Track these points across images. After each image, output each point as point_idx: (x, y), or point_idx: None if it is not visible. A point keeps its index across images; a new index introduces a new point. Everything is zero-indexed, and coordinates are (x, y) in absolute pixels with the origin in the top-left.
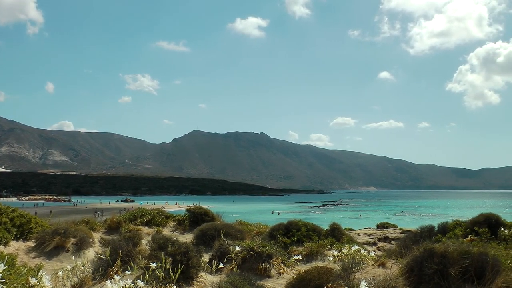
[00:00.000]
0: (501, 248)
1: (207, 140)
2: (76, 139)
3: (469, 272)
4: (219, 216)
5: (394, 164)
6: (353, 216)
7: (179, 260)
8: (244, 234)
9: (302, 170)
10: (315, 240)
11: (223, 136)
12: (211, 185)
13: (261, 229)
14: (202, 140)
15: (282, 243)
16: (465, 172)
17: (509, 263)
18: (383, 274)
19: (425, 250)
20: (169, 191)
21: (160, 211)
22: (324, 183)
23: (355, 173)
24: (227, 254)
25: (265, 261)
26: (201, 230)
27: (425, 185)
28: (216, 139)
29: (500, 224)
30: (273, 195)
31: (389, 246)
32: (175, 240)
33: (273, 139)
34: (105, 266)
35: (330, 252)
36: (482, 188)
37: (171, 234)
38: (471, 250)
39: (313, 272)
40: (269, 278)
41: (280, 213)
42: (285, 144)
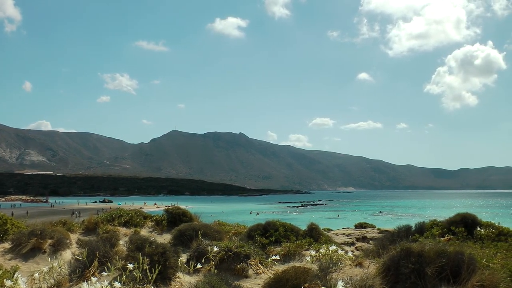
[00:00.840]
0: (477, 247)
1: (185, 140)
2: (54, 139)
3: (445, 271)
4: (197, 217)
5: (373, 165)
6: (332, 216)
7: (157, 261)
8: (222, 234)
9: (280, 170)
10: (293, 240)
11: (201, 136)
12: (190, 185)
13: (239, 229)
14: (181, 140)
15: (260, 243)
16: (442, 173)
17: (484, 261)
18: (360, 274)
19: (402, 250)
20: (147, 191)
21: (138, 212)
22: (303, 183)
23: (333, 173)
24: (205, 255)
25: (242, 261)
26: (179, 231)
27: (403, 185)
28: (195, 139)
29: (476, 224)
30: (251, 195)
31: (367, 246)
32: (153, 240)
33: (252, 140)
34: (82, 268)
35: (308, 252)
36: (459, 188)
37: (149, 234)
38: (447, 250)
39: (291, 272)
40: (247, 278)
41: (258, 214)
42: (264, 144)
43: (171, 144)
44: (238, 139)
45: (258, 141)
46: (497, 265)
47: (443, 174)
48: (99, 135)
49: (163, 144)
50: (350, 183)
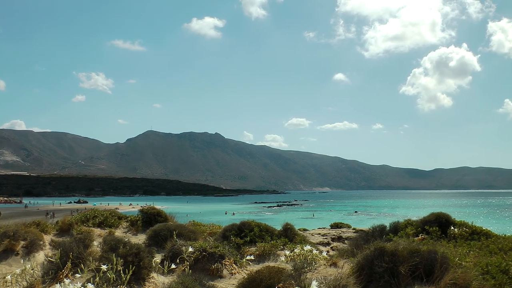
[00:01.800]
0: (450, 246)
1: (161, 140)
2: (28, 139)
3: (419, 269)
4: (173, 217)
5: (348, 165)
6: (307, 217)
7: (131, 261)
8: (197, 234)
9: (256, 170)
10: (267, 240)
11: (177, 136)
12: (165, 185)
13: (214, 229)
14: (157, 140)
15: (235, 243)
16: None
17: (457, 260)
18: (334, 274)
19: (375, 249)
20: (123, 191)
21: (113, 212)
22: (279, 183)
23: (309, 173)
24: (180, 255)
25: (217, 261)
26: (153, 231)
27: (379, 185)
28: (171, 140)
29: (450, 223)
30: (227, 195)
31: (343, 245)
32: (127, 241)
33: (228, 140)
34: (55, 269)
35: (282, 252)
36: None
37: (124, 235)
38: (420, 249)
39: (264, 272)
40: (221, 279)
41: (234, 214)
42: (240, 144)
43: (147, 144)
44: (214, 139)
45: (234, 141)
46: (469, 263)
47: (418, 174)
48: (74, 135)
49: (138, 144)
50: (326, 183)
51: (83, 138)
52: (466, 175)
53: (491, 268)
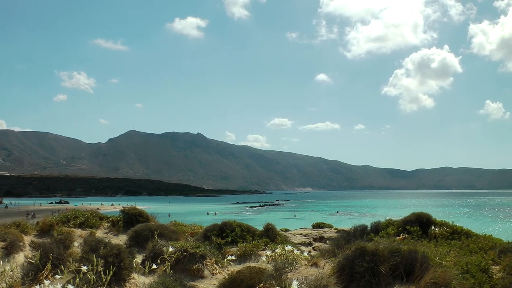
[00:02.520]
0: (431, 245)
1: (143, 140)
2: (9, 138)
3: (399, 269)
4: (154, 217)
5: (330, 165)
6: (289, 217)
7: (111, 262)
8: (179, 235)
9: (238, 170)
10: (249, 240)
11: (159, 136)
12: (147, 185)
13: (195, 229)
14: (138, 140)
15: (216, 243)
16: (399, 173)
17: (438, 259)
18: (315, 274)
19: (356, 249)
20: (104, 192)
21: (94, 213)
22: (261, 183)
23: (291, 174)
24: (161, 255)
25: (198, 261)
26: (135, 231)
27: (360, 185)
28: (153, 139)
29: (431, 223)
30: (209, 195)
31: (325, 246)
32: (108, 241)
33: (210, 140)
34: (35, 271)
35: (264, 253)
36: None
37: (105, 235)
38: (401, 248)
39: (245, 272)
40: (202, 279)
41: (216, 214)
42: (222, 144)
43: (129, 144)
44: (196, 139)
45: (216, 141)
46: (450, 262)
47: (399, 174)
48: (55, 134)
49: (120, 144)
50: (308, 183)
51: (65, 138)
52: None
53: (471, 267)
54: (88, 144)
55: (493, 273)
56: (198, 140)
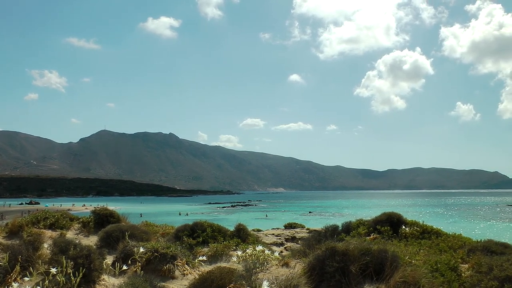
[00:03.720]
0: (401, 245)
1: (115, 140)
2: None
3: (369, 268)
4: (125, 218)
5: (302, 166)
6: (261, 217)
7: (81, 264)
8: (150, 235)
9: (211, 171)
10: (220, 241)
11: (131, 136)
12: (119, 186)
13: (167, 230)
14: (110, 140)
15: (188, 244)
16: (371, 173)
17: (407, 258)
18: (286, 274)
19: (327, 249)
20: (76, 192)
21: (65, 214)
22: (233, 184)
23: (264, 174)
24: (132, 256)
25: (169, 262)
26: (105, 232)
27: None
28: (124, 139)
29: (401, 223)
30: (181, 196)
31: (297, 246)
32: (78, 243)
33: (182, 140)
34: (3, 273)
35: (235, 253)
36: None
37: (76, 237)
38: (371, 248)
39: (216, 272)
40: (173, 279)
41: (188, 214)
42: (194, 145)
43: (101, 144)
44: (168, 139)
45: (188, 141)
46: (419, 261)
47: (371, 174)
48: (26, 134)
49: (92, 144)
50: (280, 183)
51: (36, 137)
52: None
53: (440, 265)
54: (59, 144)
55: (462, 271)
56: (170, 140)
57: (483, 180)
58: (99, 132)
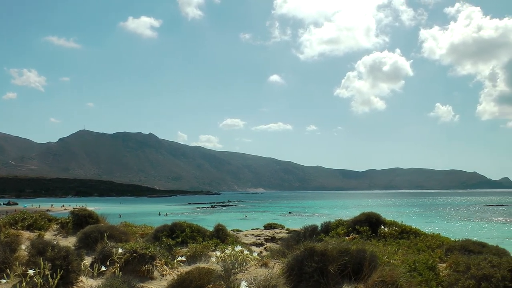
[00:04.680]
0: (380, 245)
1: (94, 140)
2: None
3: (348, 268)
4: (104, 218)
5: (282, 166)
6: (241, 217)
7: (59, 265)
8: (129, 236)
9: (190, 171)
10: (199, 241)
11: (111, 136)
12: (99, 186)
13: (146, 230)
14: (90, 140)
15: (166, 244)
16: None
17: (386, 258)
18: (264, 274)
19: (305, 249)
20: (55, 193)
21: (43, 214)
22: (213, 184)
23: (243, 174)
24: (110, 257)
25: (148, 262)
26: (84, 233)
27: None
28: (104, 139)
29: (380, 223)
30: (161, 196)
31: (276, 246)
32: (56, 244)
33: (162, 140)
34: None
35: (214, 253)
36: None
37: (54, 238)
38: (350, 248)
39: (194, 273)
40: (152, 280)
41: (167, 215)
42: (174, 145)
43: (80, 144)
44: (148, 139)
45: (168, 141)
46: (398, 261)
47: (351, 175)
48: (4, 133)
49: (71, 144)
50: (260, 184)
51: (14, 137)
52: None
53: (418, 265)
54: (38, 143)
55: (440, 270)
56: (150, 140)
57: (461, 180)
58: (78, 132)
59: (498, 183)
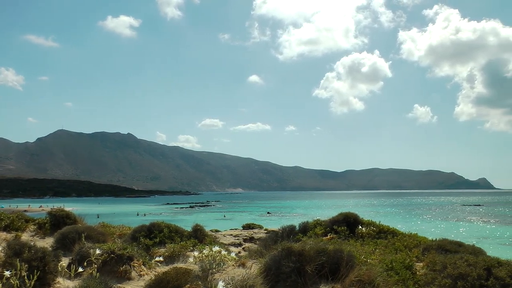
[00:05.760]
0: (357, 244)
1: (72, 140)
2: None
3: (325, 268)
4: (82, 219)
5: (261, 166)
6: (220, 218)
7: (36, 266)
8: (107, 236)
9: (169, 171)
10: (177, 241)
11: (89, 136)
12: (77, 186)
13: (124, 231)
14: (68, 140)
15: (144, 244)
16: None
17: (363, 258)
18: (242, 274)
19: (283, 249)
20: (32, 193)
21: (20, 215)
22: (192, 184)
23: (222, 174)
24: (88, 258)
25: (125, 263)
26: (61, 234)
27: (291, 186)
28: (82, 139)
29: (358, 222)
30: (140, 196)
31: (255, 246)
32: (33, 245)
33: (140, 140)
34: None
35: (192, 253)
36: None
37: (31, 238)
38: (327, 248)
39: (172, 273)
40: (129, 281)
41: (145, 215)
42: (153, 145)
43: (58, 143)
44: (127, 139)
45: (146, 141)
46: (375, 260)
47: (329, 175)
48: None
49: (49, 143)
50: (239, 184)
51: None
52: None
53: (395, 264)
54: (15, 143)
55: (416, 269)
56: (129, 140)
57: (439, 181)
58: (56, 132)
59: (475, 183)
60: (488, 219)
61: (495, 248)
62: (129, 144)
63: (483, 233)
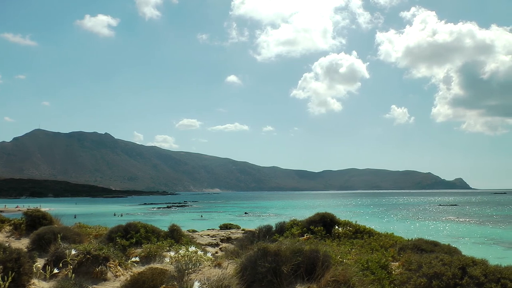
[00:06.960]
0: (334, 244)
1: (49, 139)
2: None
3: (301, 268)
4: (58, 219)
5: (239, 166)
6: (197, 218)
7: (10, 268)
8: (83, 237)
9: (146, 171)
10: (154, 241)
11: (66, 135)
12: (53, 186)
13: (100, 231)
14: (45, 139)
15: (121, 245)
16: (307, 174)
17: (339, 258)
18: (218, 274)
19: (259, 250)
20: (9, 193)
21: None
22: (169, 184)
23: (200, 174)
24: (63, 258)
25: (101, 264)
26: (37, 234)
27: (269, 186)
28: (59, 139)
29: (334, 223)
30: (117, 196)
31: (232, 246)
32: (8, 246)
33: (118, 140)
34: None
35: (168, 254)
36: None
37: (6, 239)
38: (303, 248)
39: (147, 273)
40: (105, 281)
41: (122, 215)
42: (130, 145)
43: (35, 143)
44: (104, 139)
45: (124, 141)
46: (351, 260)
47: (307, 175)
48: None
49: (26, 143)
50: (216, 184)
51: None
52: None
53: (371, 264)
54: None
55: (392, 269)
56: (106, 140)
57: (416, 181)
58: (33, 131)
59: (451, 183)
60: (464, 219)
61: (470, 247)
62: (106, 144)
63: (459, 232)
